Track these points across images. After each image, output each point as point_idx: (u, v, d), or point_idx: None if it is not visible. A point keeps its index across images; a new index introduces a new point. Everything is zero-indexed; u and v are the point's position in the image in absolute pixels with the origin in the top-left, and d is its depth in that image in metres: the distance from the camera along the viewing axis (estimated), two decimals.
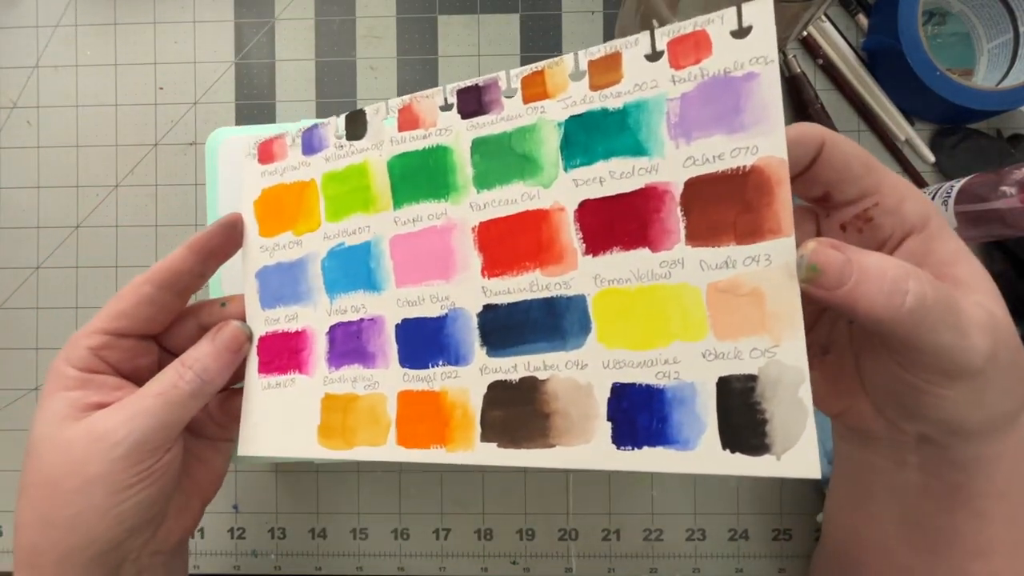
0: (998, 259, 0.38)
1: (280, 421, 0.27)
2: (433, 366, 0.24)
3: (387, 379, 0.25)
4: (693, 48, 0.21)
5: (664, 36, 0.21)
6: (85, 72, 0.41)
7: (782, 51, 0.37)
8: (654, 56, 0.22)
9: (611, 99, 0.22)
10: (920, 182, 0.39)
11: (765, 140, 0.20)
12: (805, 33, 0.39)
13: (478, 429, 0.23)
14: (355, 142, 0.27)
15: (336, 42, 0.41)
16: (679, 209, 0.21)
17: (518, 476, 0.40)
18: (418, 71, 0.41)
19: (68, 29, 0.41)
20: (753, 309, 0.20)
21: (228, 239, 0.28)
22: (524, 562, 0.40)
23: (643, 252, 0.22)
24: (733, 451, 0.20)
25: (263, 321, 0.28)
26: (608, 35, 0.40)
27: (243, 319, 0.28)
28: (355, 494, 0.40)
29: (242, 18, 0.41)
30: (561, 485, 0.40)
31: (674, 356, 0.21)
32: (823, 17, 0.40)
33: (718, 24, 0.20)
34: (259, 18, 0.41)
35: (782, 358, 0.20)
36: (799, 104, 0.39)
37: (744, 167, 0.20)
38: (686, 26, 0.21)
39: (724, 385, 0.20)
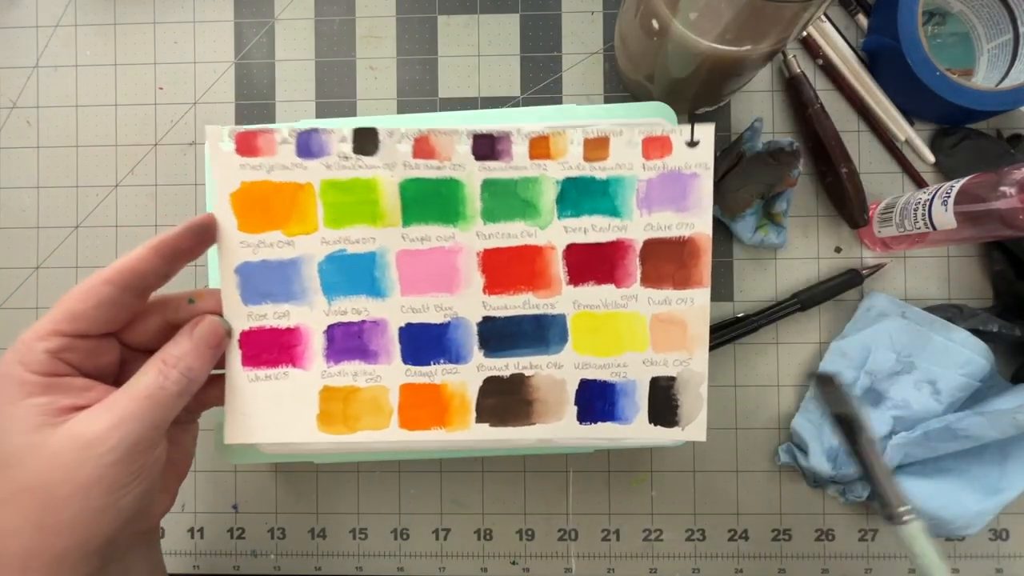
0: (998, 259, 0.38)
1: (272, 411, 0.30)
2: (435, 363, 0.30)
3: (389, 373, 0.30)
4: (659, 147, 0.29)
5: (640, 134, 0.29)
6: (85, 72, 0.41)
7: (782, 51, 0.37)
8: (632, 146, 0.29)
9: (598, 171, 0.29)
10: (920, 182, 0.39)
11: (699, 220, 0.29)
12: (805, 33, 0.39)
13: (474, 413, 0.30)
14: (364, 157, 0.29)
15: (336, 42, 0.41)
16: (638, 259, 0.30)
17: (518, 476, 0.40)
18: (418, 71, 0.41)
19: (68, 29, 0.41)
20: (679, 334, 0.30)
21: (200, 241, 0.27)
22: (524, 562, 0.40)
23: (610, 287, 0.30)
24: (656, 425, 0.30)
25: (246, 316, 0.29)
26: (608, 36, 0.40)
27: (214, 314, 0.28)
28: (355, 494, 0.40)
29: (242, 18, 0.41)
30: (561, 485, 0.40)
31: (624, 362, 0.30)
32: (823, 17, 0.40)
33: (678, 135, 0.29)
34: (259, 18, 0.41)
35: (693, 366, 0.30)
36: (798, 105, 0.39)
37: (683, 236, 0.29)
38: (656, 129, 0.29)
39: (655, 383, 0.30)
